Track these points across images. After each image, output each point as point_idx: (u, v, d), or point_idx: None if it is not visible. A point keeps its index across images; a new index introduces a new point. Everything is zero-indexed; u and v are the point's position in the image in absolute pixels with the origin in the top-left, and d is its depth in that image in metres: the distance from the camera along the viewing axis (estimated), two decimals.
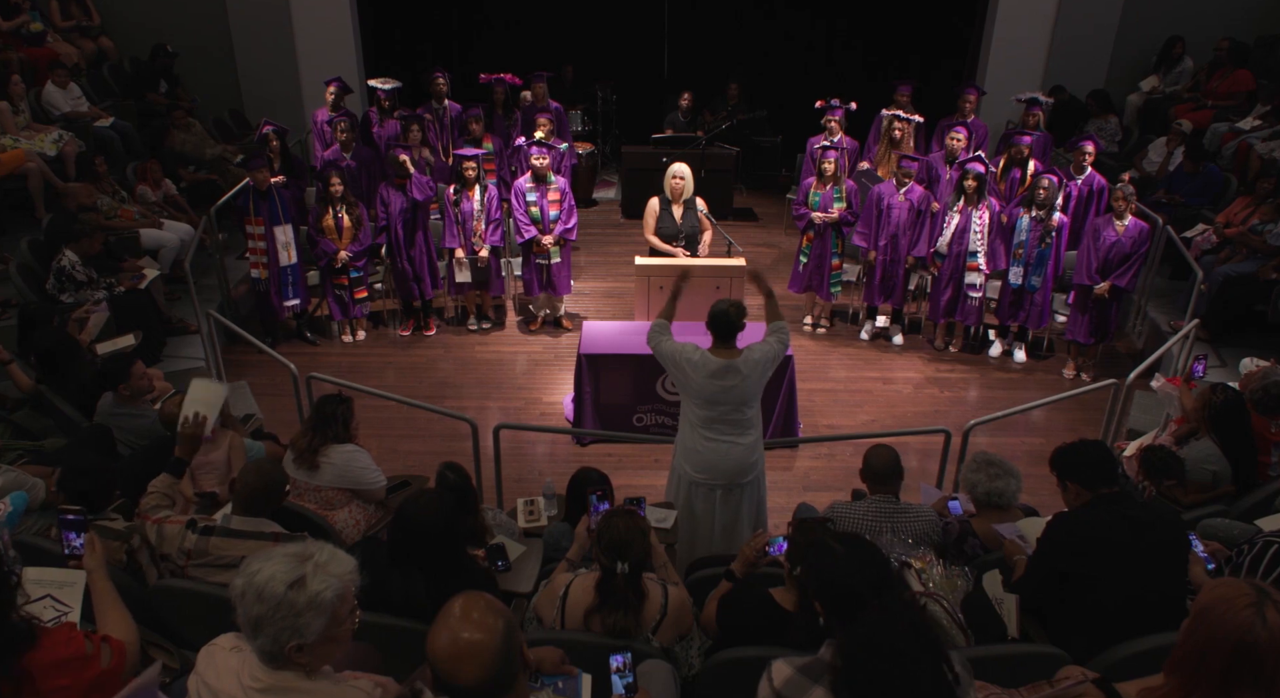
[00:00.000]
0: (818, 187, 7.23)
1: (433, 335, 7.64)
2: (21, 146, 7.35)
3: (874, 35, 11.36)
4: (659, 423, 6.15)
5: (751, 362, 4.25)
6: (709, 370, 4.21)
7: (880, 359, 7.31)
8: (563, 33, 11.47)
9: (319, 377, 5.28)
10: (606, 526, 3.03)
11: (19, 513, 3.22)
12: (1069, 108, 9.72)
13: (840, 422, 6.46)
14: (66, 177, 7.52)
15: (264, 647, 2.04)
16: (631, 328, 6.41)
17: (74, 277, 6.05)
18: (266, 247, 6.98)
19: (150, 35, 9.69)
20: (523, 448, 6.08)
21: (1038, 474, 4.02)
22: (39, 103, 8.13)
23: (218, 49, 10.16)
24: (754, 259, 8.79)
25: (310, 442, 4.05)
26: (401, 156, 7.09)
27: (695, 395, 4.27)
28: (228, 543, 3.23)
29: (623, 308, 7.97)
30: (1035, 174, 6.95)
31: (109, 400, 4.65)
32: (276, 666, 2.06)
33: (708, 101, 11.02)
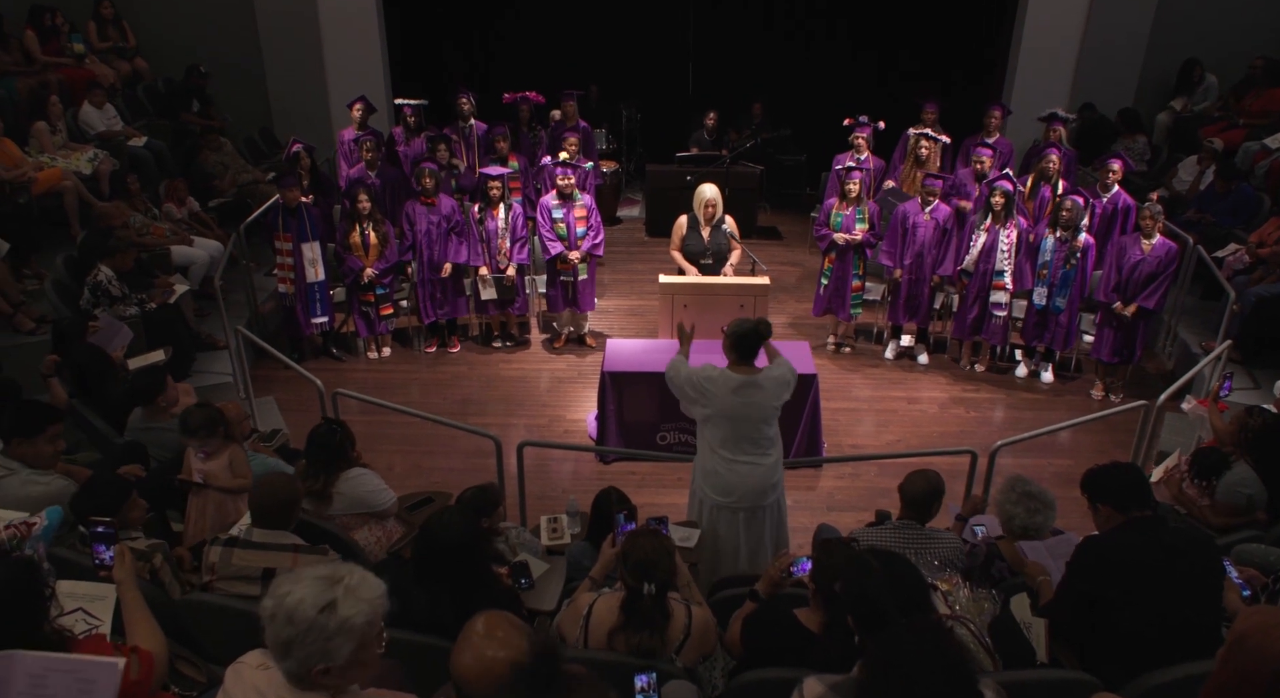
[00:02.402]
0: (840, 207, 7.22)
1: (457, 353, 7.68)
2: (58, 165, 7.51)
3: (900, 54, 11.37)
4: (682, 441, 6.13)
5: (771, 378, 4.26)
6: (730, 386, 4.21)
7: (905, 378, 7.27)
8: (588, 52, 11.57)
9: (345, 393, 5.33)
10: (633, 546, 3.02)
11: (54, 527, 3.27)
12: (1097, 127, 9.66)
13: (865, 441, 6.42)
14: (101, 195, 7.66)
15: (291, 669, 2.04)
16: (656, 346, 6.42)
17: (109, 291, 6.14)
18: (294, 263, 7.07)
19: (184, 56, 9.88)
20: (546, 466, 6.08)
21: (1065, 496, 3.98)
22: (75, 122, 8.30)
23: (249, 69, 10.35)
24: (778, 278, 8.79)
25: (323, 484, 4.07)
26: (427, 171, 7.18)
27: (717, 413, 4.26)
28: (249, 555, 3.27)
29: (647, 326, 7.98)
30: (1061, 194, 6.90)
31: (139, 415, 4.71)
32: (303, 687, 2.07)
33: (732, 120, 11.06)
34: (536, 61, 11.28)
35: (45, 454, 3.80)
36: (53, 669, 1.94)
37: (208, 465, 4.12)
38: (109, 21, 9.56)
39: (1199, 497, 4.34)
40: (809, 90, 11.45)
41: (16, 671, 1.88)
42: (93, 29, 9.39)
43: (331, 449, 4.07)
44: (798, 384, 4.47)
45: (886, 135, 8.39)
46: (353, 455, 4.20)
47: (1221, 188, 7.79)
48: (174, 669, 2.95)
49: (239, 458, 4.24)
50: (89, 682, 2.02)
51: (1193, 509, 4.35)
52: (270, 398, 6.73)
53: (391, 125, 9.82)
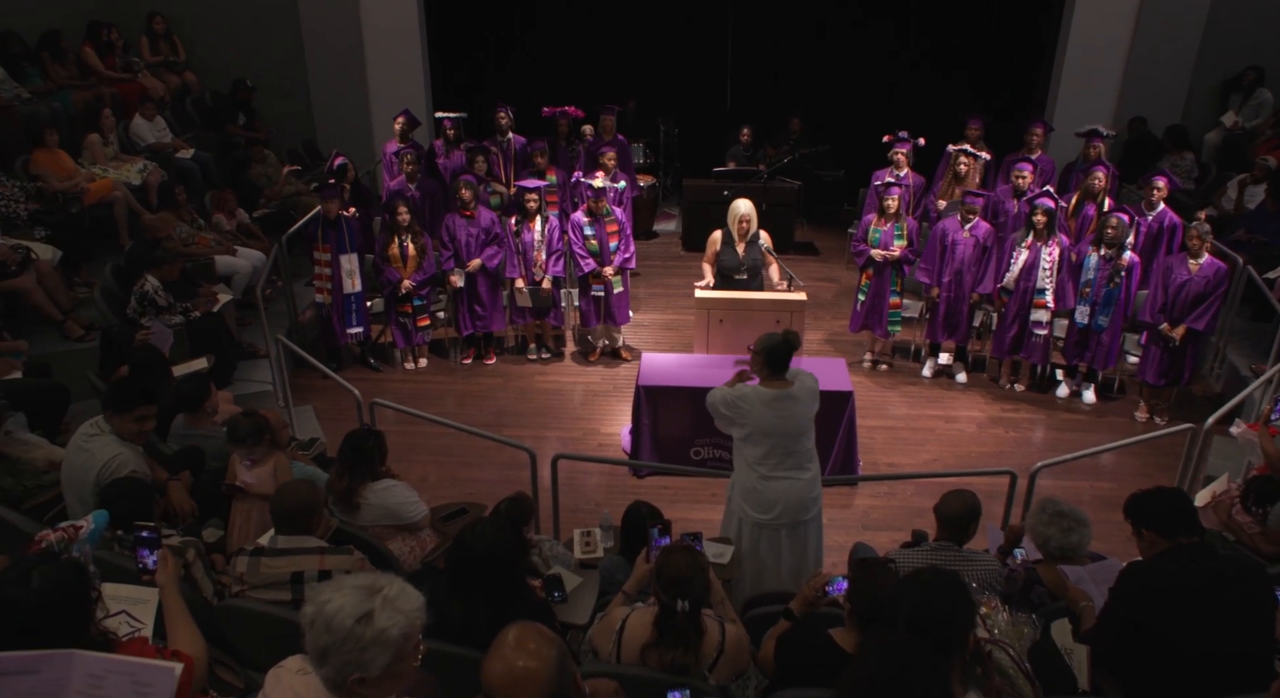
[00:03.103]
0: (879, 223, 7.19)
1: (493, 364, 7.74)
2: (109, 176, 7.71)
3: (942, 69, 11.30)
4: (717, 457, 6.12)
5: (804, 388, 4.26)
6: (765, 401, 4.21)
7: (943, 397, 7.19)
8: (626, 67, 11.65)
9: (382, 403, 5.39)
10: (667, 562, 3.02)
11: (100, 530, 3.33)
12: (1143, 143, 9.52)
13: (901, 460, 6.36)
14: (149, 205, 7.84)
15: (328, 676, 2.06)
16: (691, 361, 6.42)
17: (155, 301, 6.27)
18: (332, 274, 7.18)
19: (231, 70, 10.12)
20: (580, 479, 6.10)
21: (1108, 520, 3.92)
22: (126, 135, 8.52)
23: (294, 83, 10.56)
24: (815, 294, 8.76)
25: (349, 484, 4.11)
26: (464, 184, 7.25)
27: (754, 428, 4.25)
28: (275, 562, 3.30)
29: (682, 340, 7.99)
30: (1105, 212, 6.80)
31: (181, 422, 4.79)
32: (339, 694, 2.09)
33: (770, 135, 11.06)
34: (575, 76, 11.38)
35: (130, 431, 3.99)
36: (111, 670, 1.98)
37: (253, 473, 4.19)
38: (160, 36, 9.83)
39: (1250, 524, 4.24)
40: (849, 106, 11.43)
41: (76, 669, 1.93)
42: (145, 43, 9.65)
43: (361, 454, 4.12)
44: (834, 401, 4.45)
45: (928, 152, 8.34)
46: (381, 469, 4.24)
47: (1273, 208, 7.63)
48: (213, 674, 2.99)
49: (284, 466, 4.29)
50: (145, 684, 2.06)
51: (1243, 537, 4.25)
52: (308, 407, 6.83)
53: (432, 138, 9.96)
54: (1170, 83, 9.80)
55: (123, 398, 3.99)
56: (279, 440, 4.51)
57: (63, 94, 8.38)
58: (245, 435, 4.17)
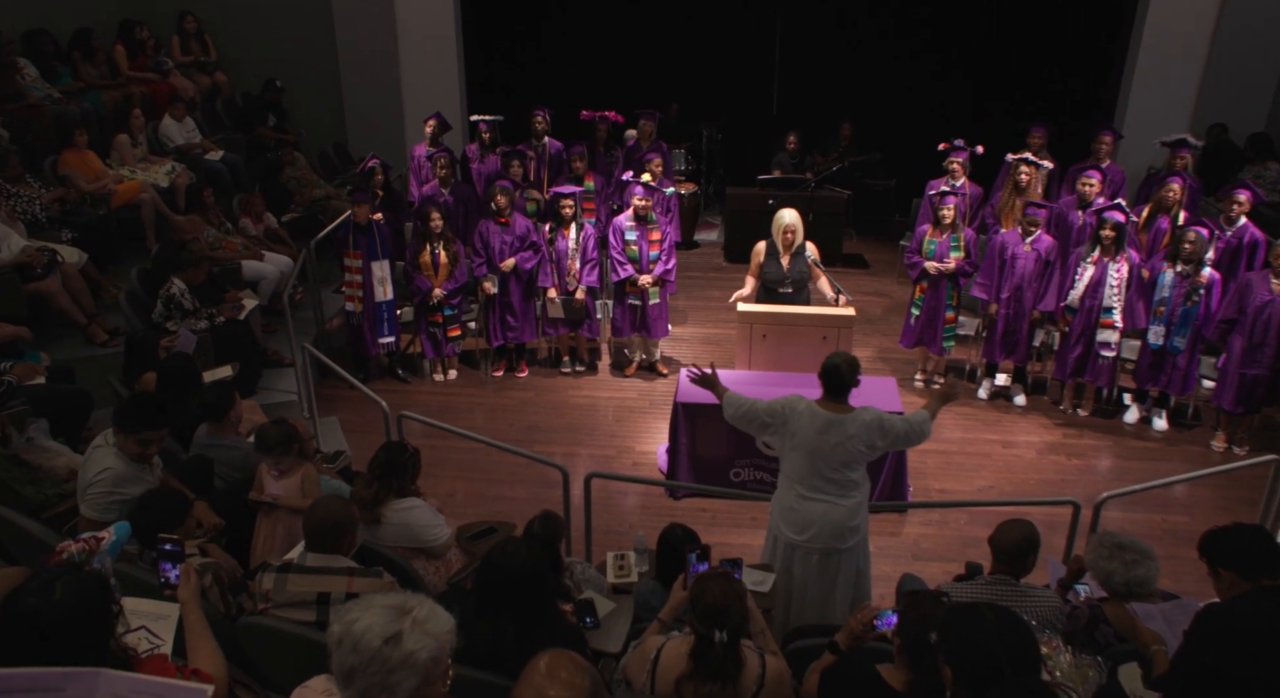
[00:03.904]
0: (934, 234, 7.13)
1: (524, 377, 7.78)
2: (138, 178, 7.88)
3: (1002, 74, 11.20)
4: (758, 479, 6.08)
5: (861, 422, 4.19)
6: (816, 423, 4.18)
7: (1000, 421, 7.10)
8: (668, 69, 11.70)
9: (410, 415, 5.43)
10: (702, 590, 2.99)
11: (122, 542, 3.39)
12: (1223, 152, 9.31)
13: (954, 487, 6.28)
14: (177, 208, 8.00)
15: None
16: (732, 377, 6.38)
17: (182, 305, 6.39)
18: (363, 281, 7.27)
19: (263, 71, 10.33)
20: (613, 498, 6.09)
21: (1181, 557, 3.83)
22: (155, 135, 8.71)
23: (326, 84, 10.76)
24: (864, 308, 8.70)
25: (375, 493, 4.13)
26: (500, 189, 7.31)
27: (799, 447, 4.22)
28: (302, 580, 3.32)
29: (723, 355, 7.94)
30: (1182, 226, 6.68)
31: (204, 431, 4.85)
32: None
33: (818, 142, 11.04)
34: (615, 79, 11.46)
35: (133, 451, 4.04)
36: (138, 691, 2.01)
37: (281, 484, 4.23)
38: (191, 35, 10.06)
39: None
40: (902, 112, 11.37)
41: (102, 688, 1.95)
42: (176, 43, 9.88)
43: (395, 468, 4.15)
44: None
45: (986, 161, 8.26)
46: (410, 486, 4.26)
47: None
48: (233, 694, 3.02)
49: (312, 477, 4.33)
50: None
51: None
52: (334, 418, 6.90)
53: (466, 142, 10.07)
54: (1254, 86, 9.55)
55: (129, 419, 4.04)
56: (306, 451, 4.56)
57: (93, 94, 8.59)
58: (274, 445, 4.22)
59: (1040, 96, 10.97)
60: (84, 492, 3.98)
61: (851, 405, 4.25)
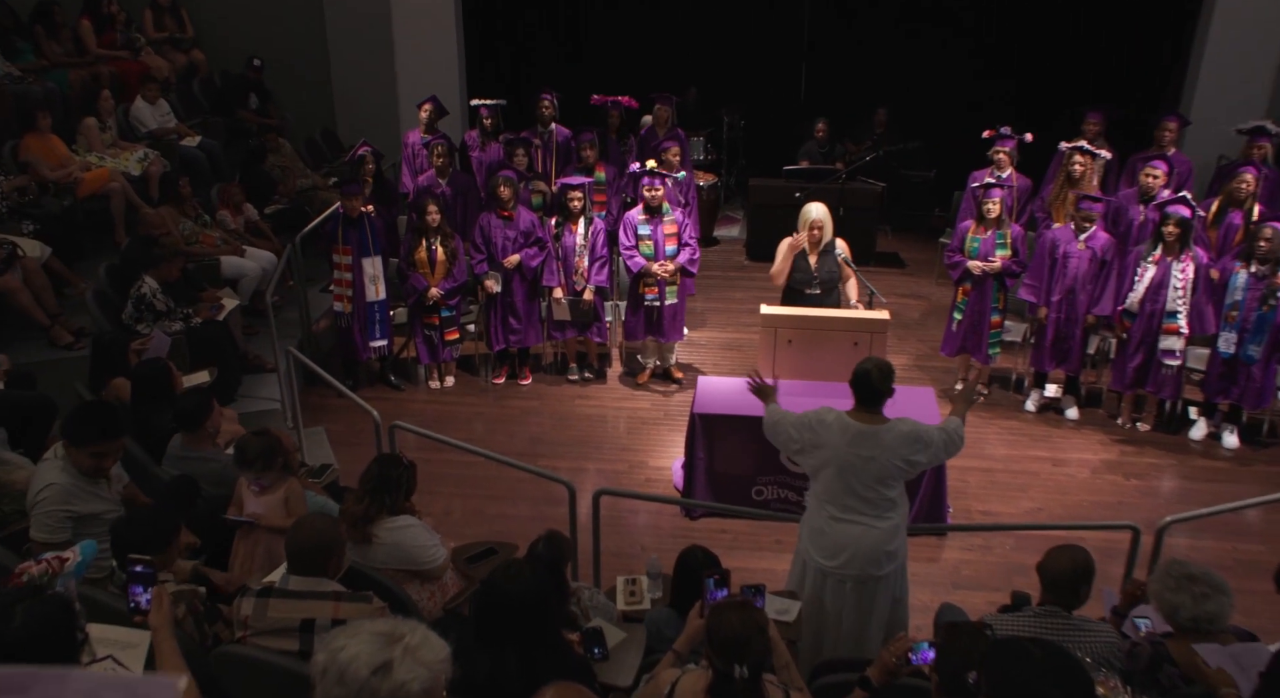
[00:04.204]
0: (977, 230, 7.11)
1: (528, 385, 7.79)
2: (106, 165, 7.91)
3: (1054, 53, 11.15)
4: (782, 498, 6.08)
5: (898, 433, 4.18)
6: (847, 434, 4.17)
7: (1050, 436, 7.07)
8: (686, 51, 11.71)
9: (403, 426, 5.44)
10: (719, 622, 2.99)
11: (88, 563, 3.39)
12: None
13: (998, 508, 6.26)
14: (149, 198, 8.03)
15: None
16: None
17: (154, 305, 6.42)
18: (353, 279, 7.29)
19: (244, 49, 10.36)
20: (624, 518, 6.10)
21: (1253, 590, 3.80)
22: (126, 119, 8.75)
23: (313, 64, 10.80)
24: (899, 312, 8.68)
25: (366, 509, 4.12)
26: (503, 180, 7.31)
27: (829, 463, 4.21)
28: (285, 605, 3.31)
29: (744, 362, 7.94)
30: (1257, 221, 6.63)
31: (179, 443, 4.86)
32: None
33: (850, 129, 11.03)
34: (629, 60, 11.48)
35: (85, 465, 4.02)
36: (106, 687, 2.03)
37: (261, 501, 4.23)
38: (166, 10, 10.07)
39: None
40: (942, 96, 11.34)
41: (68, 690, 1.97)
42: (149, 18, 9.90)
43: (387, 482, 4.15)
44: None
45: (1036, 150, 8.23)
46: (404, 503, 4.26)
47: None
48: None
49: (296, 494, 4.33)
50: None
51: None
52: (320, 429, 6.92)
53: (465, 128, 10.09)
54: None
55: (78, 431, 4.01)
56: (291, 464, 4.57)
57: (58, 73, 8.62)
58: (255, 458, 4.23)
59: (1098, 77, 10.90)
60: (30, 511, 3.98)
61: (886, 416, 4.23)
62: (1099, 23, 10.91)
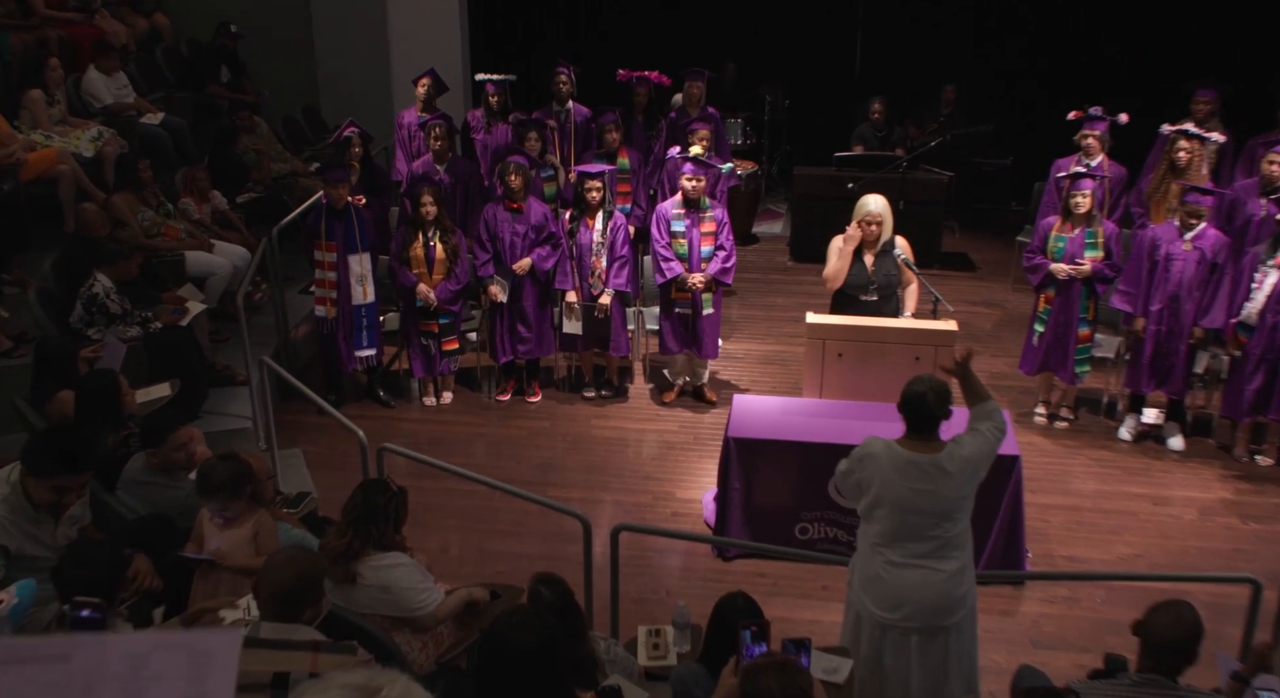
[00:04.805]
0: (1062, 228, 7.08)
1: (537, 403, 7.81)
2: (54, 145, 7.94)
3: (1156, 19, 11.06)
4: (831, 537, 6.06)
5: (960, 458, 4.18)
6: (899, 466, 4.16)
7: (1149, 469, 7.03)
8: (723, 20, 11.74)
9: (393, 449, 5.46)
10: (754, 684, 2.98)
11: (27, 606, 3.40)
12: None
13: (1087, 554, 6.22)
14: (104, 183, 8.06)
15: None
16: (798, 407, 6.39)
17: (107, 307, 6.48)
18: (338, 279, 7.34)
19: (215, 14, 10.47)
20: (648, 558, 6.10)
21: None
22: (77, 92, 8.78)
23: (294, 33, 10.90)
24: (969, 322, 8.64)
25: (349, 544, 4.13)
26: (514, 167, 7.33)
27: (882, 502, 4.21)
28: (256, 656, 3.31)
29: (787, 379, 7.97)
30: None
31: (139, 466, 4.90)
32: None
33: (912, 110, 11.02)
34: (658, 30, 11.51)
35: (43, 498, 4.03)
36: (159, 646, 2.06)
37: (226, 535, 4.25)
38: None
39: None
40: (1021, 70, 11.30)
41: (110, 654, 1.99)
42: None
43: (373, 512, 4.16)
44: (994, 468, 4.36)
45: (1133, 133, 8.19)
46: (394, 537, 4.27)
47: None
48: None
49: (267, 528, 4.35)
50: (204, 654, 2.10)
51: None
52: (297, 451, 6.97)
53: (468, 107, 10.15)
54: None
55: (39, 461, 4.02)
56: (262, 494, 4.59)
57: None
58: (219, 485, 4.24)
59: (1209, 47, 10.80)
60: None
61: (942, 440, 4.23)
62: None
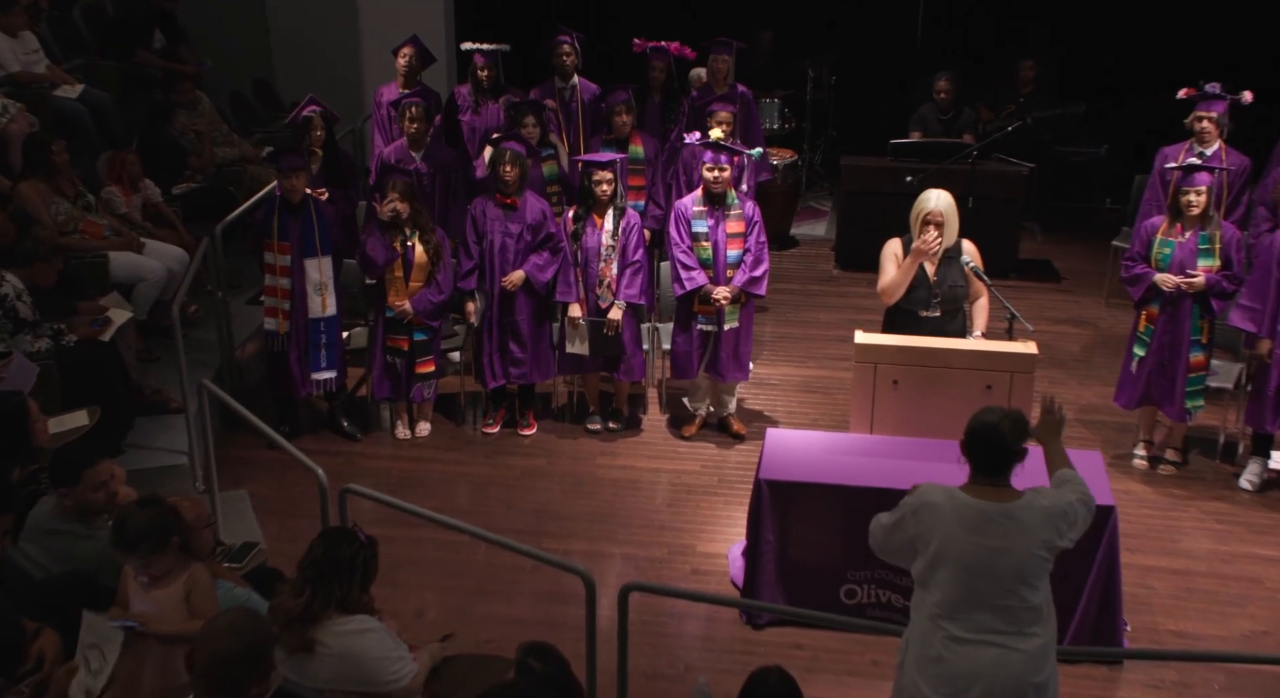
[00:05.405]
0: (1170, 231, 7.05)
1: (532, 436, 7.81)
2: None
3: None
4: (884, 601, 6.03)
5: (1040, 509, 4.13)
6: (965, 518, 4.11)
7: (1277, 526, 6.97)
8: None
9: (358, 490, 5.42)
10: None
11: None
12: None
13: (1200, 629, 6.16)
14: (10, 168, 8.01)
15: None
16: (845, 443, 6.36)
17: (17, 311, 6.46)
18: (292, 287, 7.33)
19: None
20: (662, 624, 6.06)
21: None
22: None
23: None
24: (1051, 343, 8.60)
25: (307, 606, 4.11)
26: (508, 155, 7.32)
27: (944, 562, 4.15)
28: None
29: (831, 410, 7.97)
30: None
31: (49, 509, 4.88)
32: None
33: (984, 88, 11.01)
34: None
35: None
36: None
37: (153, 596, 4.23)
38: None
39: None
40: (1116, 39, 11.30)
41: None
42: None
43: (336, 567, 4.13)
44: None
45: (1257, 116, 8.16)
46: (361, 597, 4.25)
47: None
48: None
49: (203, 587, 4.32)
50: None
51: None
52: (243, 493, 6.92)
53: (452, 82, 10.17)
54: None
55: None
56: (195, 546, 4.55)
57: None
58: (139, 537, 4.20)
59: None
60: None
61: (1016, 487, 4.18)
62: None
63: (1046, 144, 10.47)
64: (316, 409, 7.86)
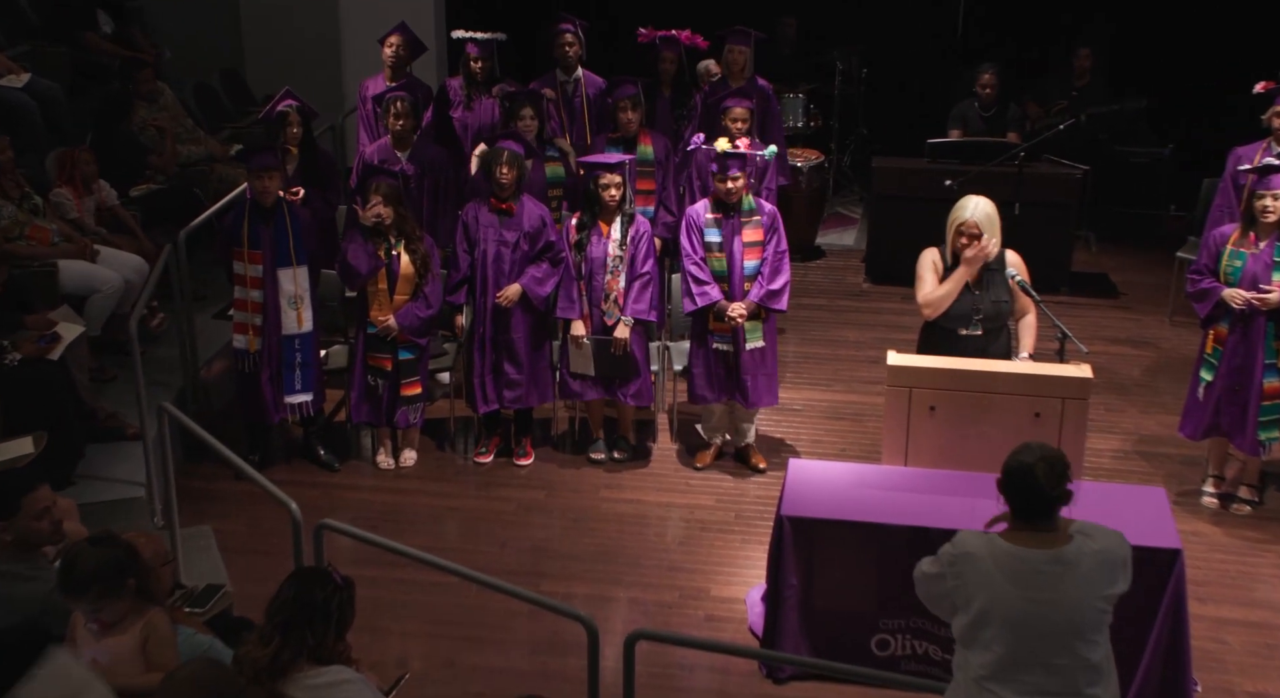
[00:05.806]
0: (1242, 241, 7.05)
1: (529, 466, 7.83)
2: None
3: None
4: (920, 654, 6.03)
5: (1090, 553, 4.12)
6: (1008, 569, 4.11)
7: None
8: None
9: (334, 526, 5.45)
10: None
11: None
12: None
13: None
14: None
15: None
16: (876, 476, 6.36)
17: None
18: (264, 299, 7.36)
19: None
20: (673, 676, 6.07)
21: None
22: None
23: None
24: (1107, 366, 8.62)
25: (276, 655, 4.10)
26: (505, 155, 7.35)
27: (989, 620, 4.15)
28: None
29: (861, 439, 7.99)
30: None
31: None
32: None
33: (1033, 82, 11.03)
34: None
35: None
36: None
37: (105, 645, 4.24)
38: None
39: None
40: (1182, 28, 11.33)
41: None
42: None
43: (309, 612, 4.13)
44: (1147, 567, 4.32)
45: None
46: (336, 645, 4.27)
47: None
48: None
49: (161, 634, 4.33)
50: None
51: None
52: (206, 529, 6.95)
53: (443, 75, 10.22)
54: None
55: None
56: (153, 589, 4.57)
57: None
58: (90, 579, 4.21)
59: None
60: None
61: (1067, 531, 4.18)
62: None
63: (1103, 143, 10.49)
64: (290, 436, 7.90)
